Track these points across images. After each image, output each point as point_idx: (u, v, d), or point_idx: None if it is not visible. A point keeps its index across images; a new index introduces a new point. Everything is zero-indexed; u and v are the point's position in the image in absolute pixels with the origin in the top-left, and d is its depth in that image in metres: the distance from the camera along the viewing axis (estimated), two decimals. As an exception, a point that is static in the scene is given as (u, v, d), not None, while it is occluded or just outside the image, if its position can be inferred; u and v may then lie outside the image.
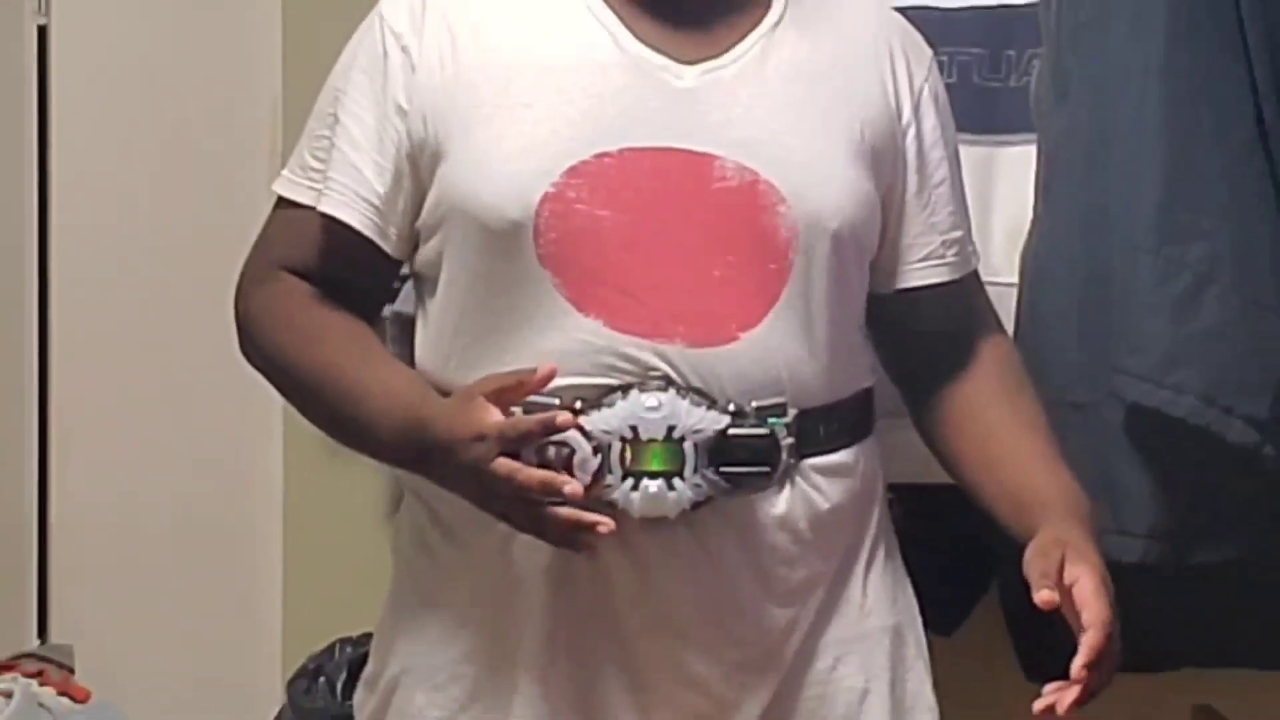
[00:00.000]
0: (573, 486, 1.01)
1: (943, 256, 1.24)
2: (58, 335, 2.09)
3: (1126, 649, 1.10)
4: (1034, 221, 1.48)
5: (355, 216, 1.14)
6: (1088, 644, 1.03)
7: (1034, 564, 1.09)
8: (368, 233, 1.15)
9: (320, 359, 1.18)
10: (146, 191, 2.09)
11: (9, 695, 1.74)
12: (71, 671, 1.89)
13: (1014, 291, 1.47)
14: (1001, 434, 1.23)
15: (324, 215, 1.15)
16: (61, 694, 1.81)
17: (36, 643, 2.06)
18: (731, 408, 1.11)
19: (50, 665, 1.87)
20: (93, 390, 2.11)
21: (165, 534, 2.12)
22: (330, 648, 1.86)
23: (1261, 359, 1.33)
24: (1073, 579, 1.06)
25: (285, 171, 1.21)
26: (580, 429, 1.07)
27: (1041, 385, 1.28)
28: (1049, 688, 1.05)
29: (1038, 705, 1.05)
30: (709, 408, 1.10)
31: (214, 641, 2.14)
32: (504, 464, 1.01)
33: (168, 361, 1.94)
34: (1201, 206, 1.35)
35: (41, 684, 1.79)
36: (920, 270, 1.22)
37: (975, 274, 1.29)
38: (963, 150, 1.31)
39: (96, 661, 1.96)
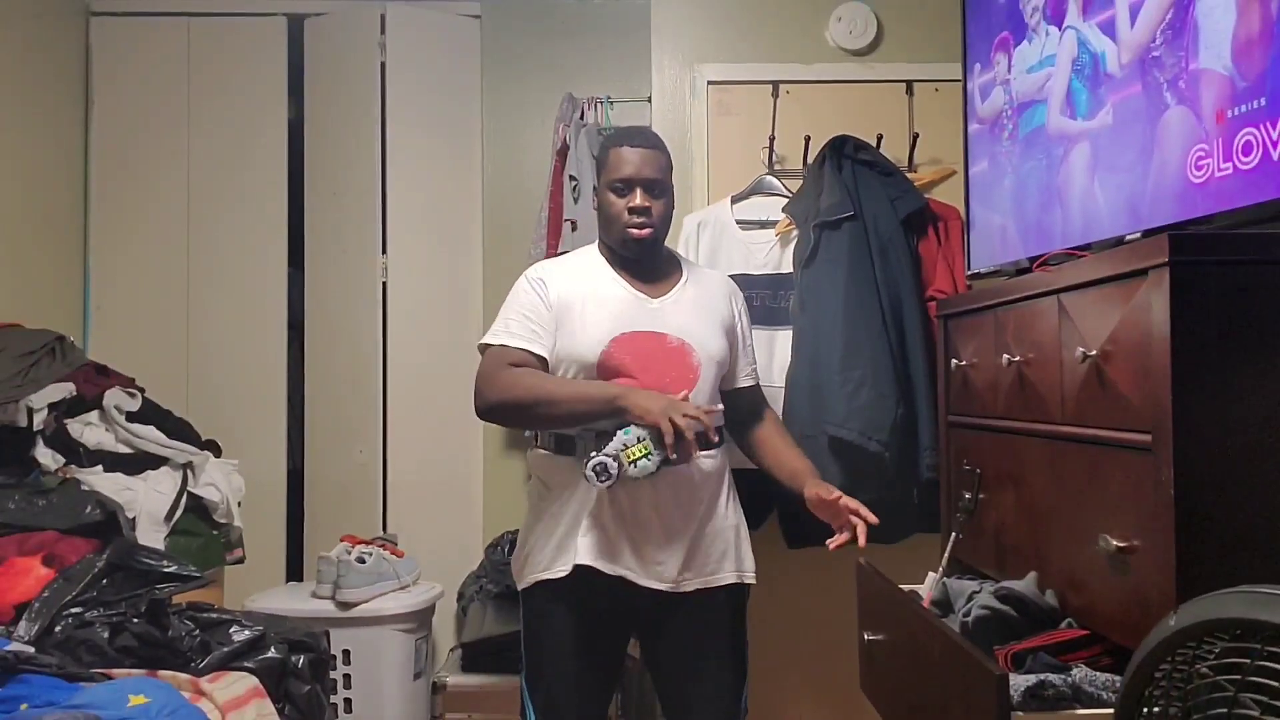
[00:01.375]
0: (688, 439, 1.54)
1: (749, 375, 1.96)
2: (392, 391, 3.04)
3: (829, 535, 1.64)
4: (790, 362, 2.27)
5: (535, 349, 1.80)
6: (865, 517, 1.64)
7: (812, 496, 1.74)
8: (538, 351, 1.79)
9: (545, 385, 1.75)
10: (438, 342, 2.95)
11: (370, 554, 2.38)
12: (396, 544, 2.73)
13: (783, 390, 2.26)
14: (778, 447, 1.91)
15: (520, 348, 1.79)
16: (392, 554, 2.64)
17: (381, 531, 2.93)
18: None
19: (388, 541, 2.69)
20: (408, 411, 3.00)
21: (437, 478, 3.10)
22: (502, 535, 2.76)
23: (883, 417, 2.11)
24: (840, 497, 1.70)
25: (486, 336, 1.82)
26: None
27: (791, 428, 2.00)
28: (837, 539, 1.64)
29: (832, 544, 1.65)
30: None
31: (452, 529, 3.00)
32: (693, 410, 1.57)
33: (445, 405, 2.59)
34: (859, 355, 2.14)
35: (384, 549, 2.61)
36: (741, 379, 1.94)
37: (758, 385, 1.97)
38: (757, 332, 2.05)
39: (409, 540, 2.86)
